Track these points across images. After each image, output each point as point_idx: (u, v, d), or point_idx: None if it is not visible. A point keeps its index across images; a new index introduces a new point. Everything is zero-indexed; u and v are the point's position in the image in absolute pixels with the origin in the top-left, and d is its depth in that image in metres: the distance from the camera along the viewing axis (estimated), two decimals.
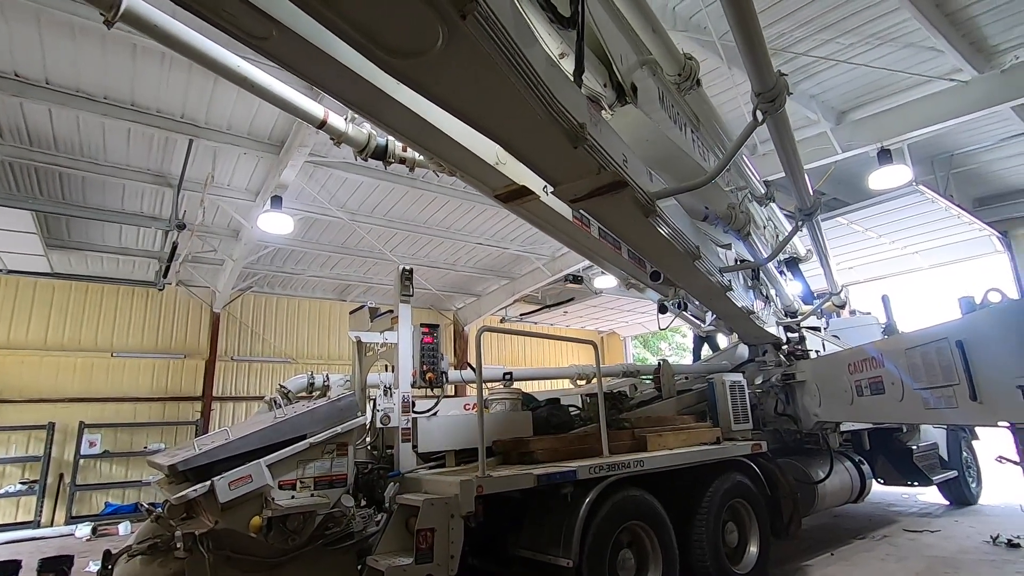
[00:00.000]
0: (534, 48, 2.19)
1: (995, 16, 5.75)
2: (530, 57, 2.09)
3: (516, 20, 2.06)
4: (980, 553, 5.94)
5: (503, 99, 2.21)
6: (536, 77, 2.13)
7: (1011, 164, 9.49)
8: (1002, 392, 2.64)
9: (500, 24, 1.89)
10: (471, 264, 12.91)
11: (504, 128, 2.49)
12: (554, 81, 2.30)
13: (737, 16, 2.62)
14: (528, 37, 2.16)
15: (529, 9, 2.48)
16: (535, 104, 2.23)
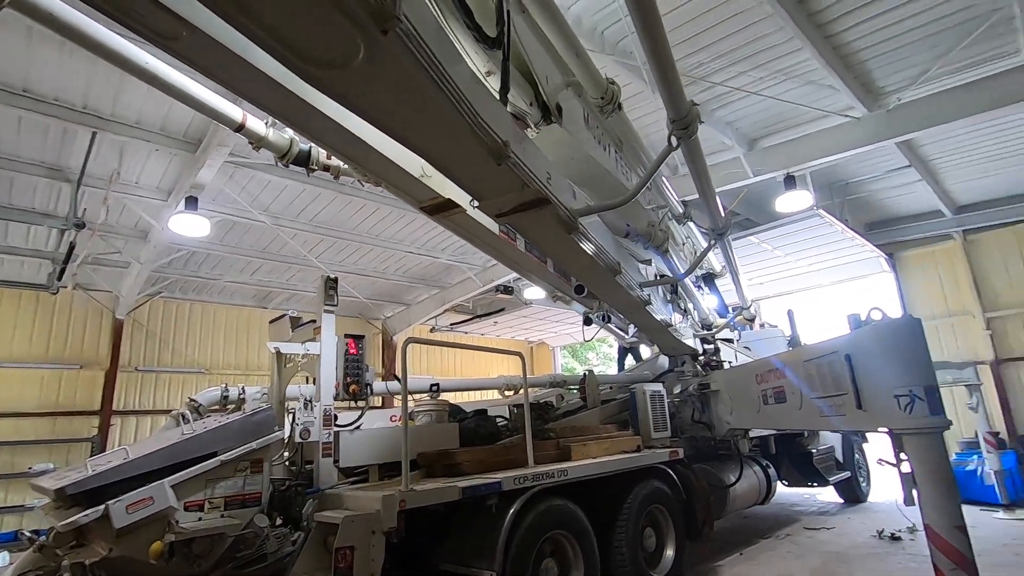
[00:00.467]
0: (459, 66, 2.22)
1: (881, 62, 6.42)
2: (454, 75, 2.11)
3: (440, 38, 2.08)
4: (868, 547, 6.51)
5: (427, 115, 2.23)
6: (460, 94, 2.16)
7: (896, 193, 10.57)
8: (882, 401, 2.94)
9: (423, 41, 1.90)
10: (401, 273, 12.71)
11: (428, 143, 2.50)
12: (479, 99, 2.34)
13: (653, 50, 2.79)
14: (453, 55, 2.19)
15: (456, 27, 2.51)
16: (459, 121, 2.26)
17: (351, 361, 4.30)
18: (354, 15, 1.71)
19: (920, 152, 8.82)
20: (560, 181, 3.25)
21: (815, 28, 5.76)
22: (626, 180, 4.26)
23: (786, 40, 5.97)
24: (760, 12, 5.53)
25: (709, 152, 8.40)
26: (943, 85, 6.66)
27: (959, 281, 11.12)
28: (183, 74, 3.10)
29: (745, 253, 11.05)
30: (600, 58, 5.91)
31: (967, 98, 6.54)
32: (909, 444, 2.84)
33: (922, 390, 2.78)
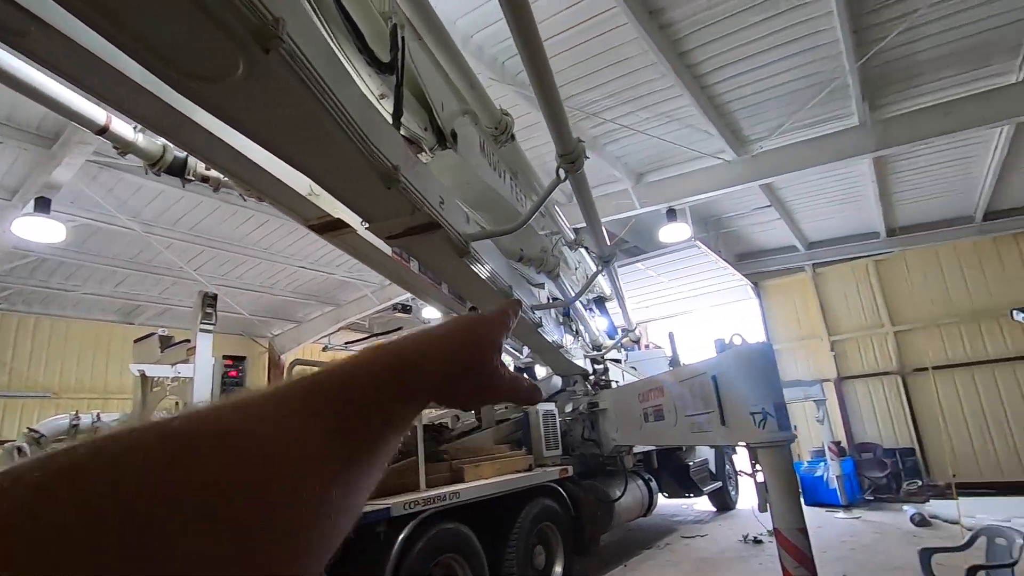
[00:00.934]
0: (349, 88, 2.21)
1: (747, 113, 7.25)
2: (342, 97, 2.09)
3: (329, 59, 2.06)
4: (735, 551, 7.11)
5: (312, 135, 2.18)
6: (348, 117, 2.14)
7: (759, 229, 11.88)
8: (741, 418, 3.28)
9: (308, 62, 1.87)
10: (291, 288, 12.06)
11: (314, 164, 2.45)
12: (369, 122, 2.34)
13: (541, 92, 2.97)
14: (342, 77, 2.17)
15: (348, 48, 2.49)
16: (347, 143, 2.24)
17: (230, 385, 4.01)
18: (232, 31, 1.64)
19: (779, 194, 10.00)
20: (453, 206, 3.30)
21: (693, 79, 6.38)
22: (521, 207, 4.43)
23: (668, 87, 6.55)
24: (646, 60, 6.03)
25: (601, 183, 8.95)
26: (796, 138, 7.64)
27: (809, 308, 12.67)
28: (32, 67, 2.77)
29: (633, 279, 11.80)
30: (500, 87, 6.13)
31: (813, 151, 7.56)
32: (762, 456, 3.18)
33: (772, 407, 3.13)
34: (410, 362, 0.45)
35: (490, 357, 0.51)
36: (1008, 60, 6.24)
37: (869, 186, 9.38)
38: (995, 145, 8.03)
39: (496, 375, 0.51)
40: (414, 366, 0.45)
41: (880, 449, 10.93)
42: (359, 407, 0.40)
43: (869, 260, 12.08)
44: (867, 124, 7.10)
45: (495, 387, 0.51)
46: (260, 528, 0.30)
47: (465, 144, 3.45)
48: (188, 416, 0.33)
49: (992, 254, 10.94)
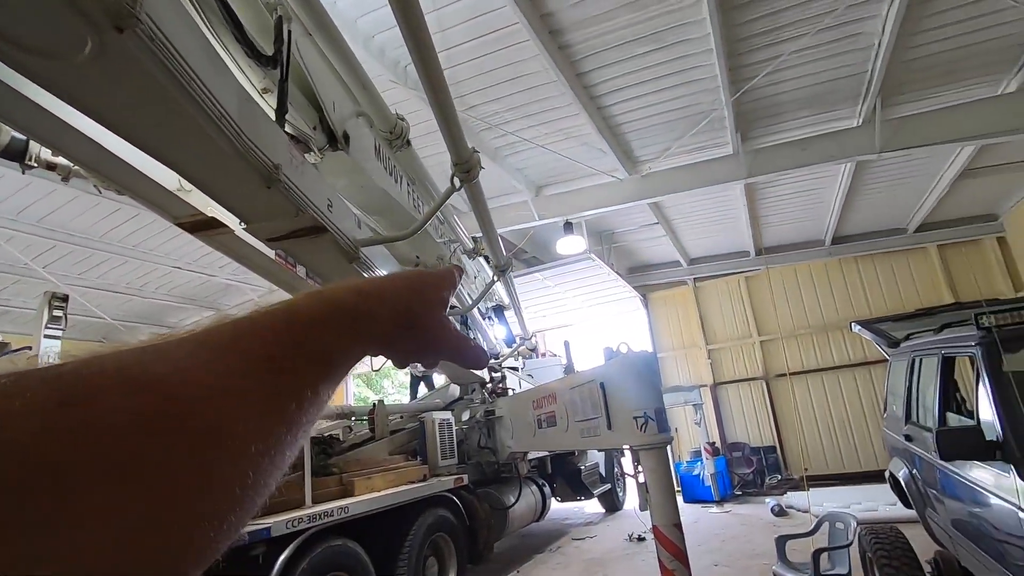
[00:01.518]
0: (223, 78, 2.06)
1: (637, 136, 7.75)
2: (213, 87, 1.94)
3: (198, 44, 1.91)
4: (621, 550, 7.48)
5: (178, 127, 1.99)
6: (220, 109, 1.99)
7: (648, 245, 12.70)
8: (625, 423, 3.47)
9: (171, 46, 1.71)
10: (165, 291, 10.97)
11: (181, 158, 2.23)
12: (247, 117, 2.19)
13: (436, 102, 2.98)
14: (215, 65, 2.01)
15: (226, 37, 2.31)
16: (219, 138, 2.07)
17: None
18: (81, 5, 1.47)
19: (665, 213, 10.77)
20: (344, 209, 3.18)
21: (589, 99, 6.71)
22: (417, 214, 4.38)
23: (567, 104, 6.82)
24: (546, 77, 6.25)
25: (502, 193, 9.10)
26: (680, 161, 8.28)
27: (690, 319, 13.73)
28: None
29: (531, 288, 12.10)
30: (402, 91, 6.04)
31: (694, 174, 8.24)
32: (643, 457, 3.39)
33: (653, 411, 3.35)
34: (353, 308, 0.42)
35: (437, 310, 0.49)
36: (850, 107, 7.22)
37: (741, 209, 10.38)
38: (840, 179, 9.24)
39: (442, 329, 0.50)
40: (358, 313, 0.42)
41: (748, 448, 12.05)
42: (295, 353, 0.36)
43: (741, 276, 13.35)
44: (739, 154, 7.86)
45: (440, 341, 0.50)
46: (171, 482, 0.27)
47: (358, 147, 3.34)
48: (82, 360, 0.29)
49: (837, 273, 12.56)
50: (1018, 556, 2.74)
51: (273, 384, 0.34)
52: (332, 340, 0.40)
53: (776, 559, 4.57)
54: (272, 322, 0.37)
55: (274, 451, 0.33)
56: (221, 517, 0.29)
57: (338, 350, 0.40)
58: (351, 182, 3.49)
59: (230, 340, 0.34)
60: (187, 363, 0.31)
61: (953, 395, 3.96)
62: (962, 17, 5.63)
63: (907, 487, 4.55)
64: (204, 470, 0.28)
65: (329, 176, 3.37)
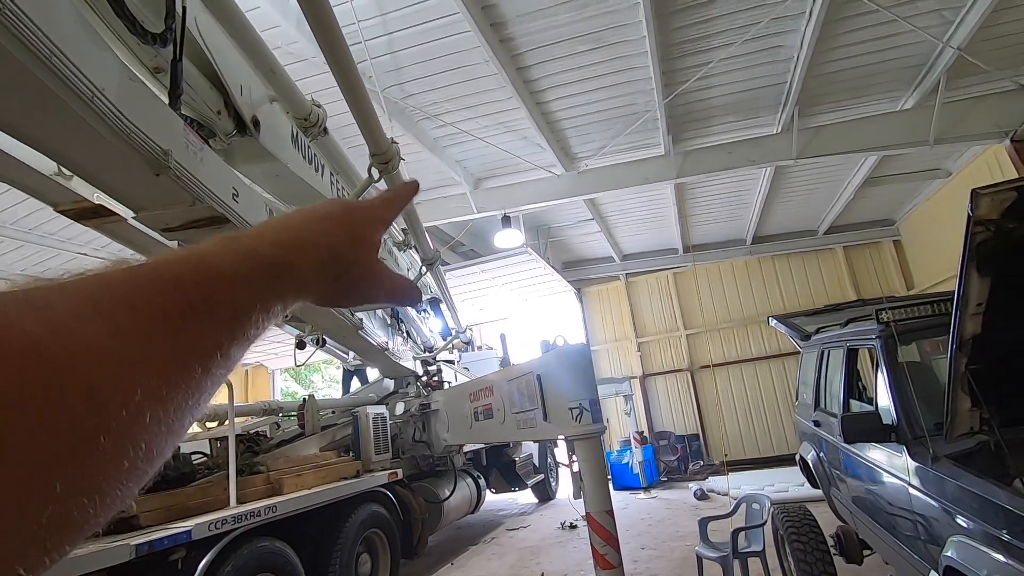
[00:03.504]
0: (96, 55, 1.90)
1: (575, 132, 7.89)
2: (82, 65, 1.80)
3: (65, 17, 1.76)
4: (554, 538, 7.65)
5: (44, 108, 1.84)
6: (92, 88, 1.85)
7: (583, 240, 12.99)
8: (561, 413, 3.55)
9: (27, 18, 1.58)
10: None
11: (53, 142, 2.05)
12: (129, 97, 2.05)
13: (347, 90, 2.92)
14: (86, 40, 1.87)
15: (106, 12, 2.12)
16: (94, 120, 1.93)
17: None
18: None
19: (600, 209, 11.04)
20: (252, 199, 3.03)
21: (529, 94, 6.75)
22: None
23: (507, 98, 6.83)
24: (487, 69, 6.22)
25: (440, 184, 9.00)
26: (615, 160, 8.51)
27: (622, 313, 14.19)
28: None
29: (468, 281, 12.08)
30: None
31: (628, 172, 8.50)
32: (578, 447, 3.48)
33: (588, 402, 3.44)
34: (271, 262, 0.38)
35: (368, 252, 0.45)
36: (771, 114, 7.69)
37: (671, 208, 10.82)
38: (761, 182, 9.83)
39: (374, 273, 0.46)
40: (277, 266, 0.38)
41: (673, 436, 12.64)
42: (202, 311, 0.32)
43: (670, 272, 13.93)
44: (671, 154, 8.18)
45: (373, 287, 0.46)
46: (41, 456, 0.23)
47: (272, 134, 3.18)
48: None
49: (757, 271, 13.38)
50: (906, 527, 3.05)
51: (174, 345, 0.30)
52: (246, 297, 0.36)
53: (699, 540, 4.83)
54: (177, 274, 0.33)
55: (173, 419, 0.30)
56: (105, 491, 0.26)
57: (253, 307, 0.36)
58: (265, 171, 3.34)
59: (126, 292, 0.30)
60: (68, 317, 0.27)
61: (856, 384, 4.34)
62: (870, 37, 6.12)
63: (815, 469, 4.94)
64: (84, 442, 0.25)
65: (240, 164, 3.20)
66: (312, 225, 0.43)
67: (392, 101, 6.42)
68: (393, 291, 0.48)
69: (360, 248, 0.44)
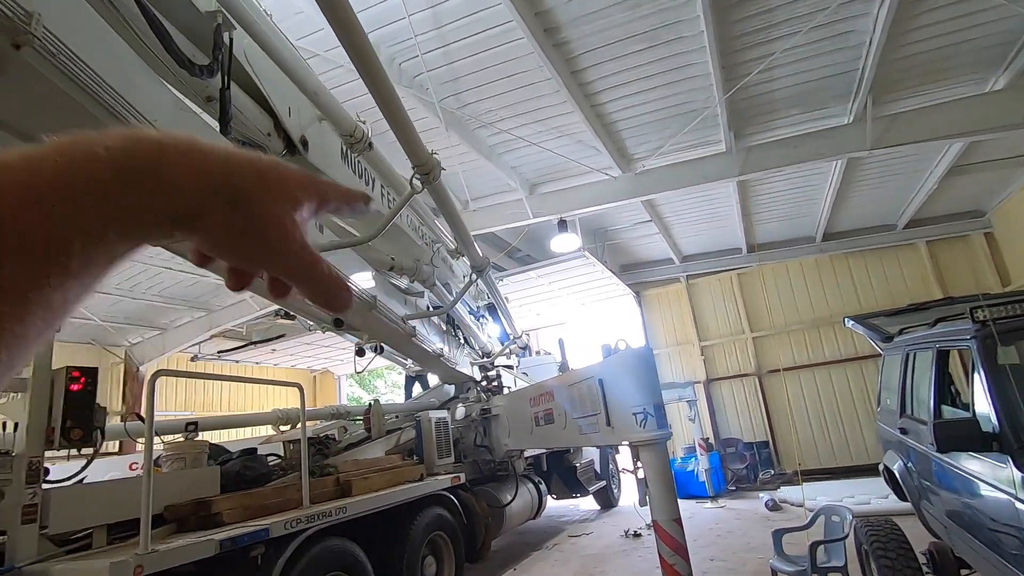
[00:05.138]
0: (147, 89, 2.10)
1: (631, 133, 7.77)
2: (130, 96, 1.97)
3: (113, 54, 1.94)
4: (618, 546, 7.50)
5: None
6: (140, 118, 2.03)
7: (641, 242, 12.74)
8: (624, 418, 3.48)
9: (77, 58, 1.75)
10: (155, 292, 10.85)
11: None
12: (177, 127, 2.23)
13: (384, 106, 2.99)
14: (135, 77, 2.06)
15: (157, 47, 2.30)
16: None
17: (74, 400, 3.50)
18: None
19: (658, 210, 10.80)
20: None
21: (584, 96, 6.71)
22: (397, 217, 4.41)
23: (562, 102, 6.82)
24: (541, 75, 6.24)
25: (496, 191, 9.09)
26: (674, 159, 8.31)
27: (683, 316, 13.79)
28: None
29: (526, 286, 12.11)
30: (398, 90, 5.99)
31: (687, 172, 8.27)
32: (643, 453, 3.40)
33: (652, 407, 3.37)
34: (125, 156, 0.29)
35: (282, 203, 0.36)
36: (841, 104, 7.28)
37: (733, 206, 10.44)
38: (831, 176, 9.31)
39: (286, 229, 0.35)
40: (137, 166, 0.29)
41: (741, 443, 12.13)
42: (36, 217, 0.25)
43: (733, 273, 13.42)
44: (732, 151, 7.90)
45: (281, 243, 0.35)
46: None
47: (320, 152, 3.34)
48: None
49: (829, 270, 12.66)
50: (1013, 545, 2.78)
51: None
52: (74, 217, 0.27)
53: (773, 553, 4.60)
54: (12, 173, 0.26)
55: None
56: None
57: (85, 233, 0.27)
58: None
59: None
60: None
61: (948, 388, 4.01)
62: (951, 16, 5.68)
63: (902, 480, 4.60)
64: None
65: None
66: (212, 145, 0.33)
67: (448, 111, 6.55)
68: (307, 267, 0.37)
69: (269, 188, 0.35)
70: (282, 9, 4.83)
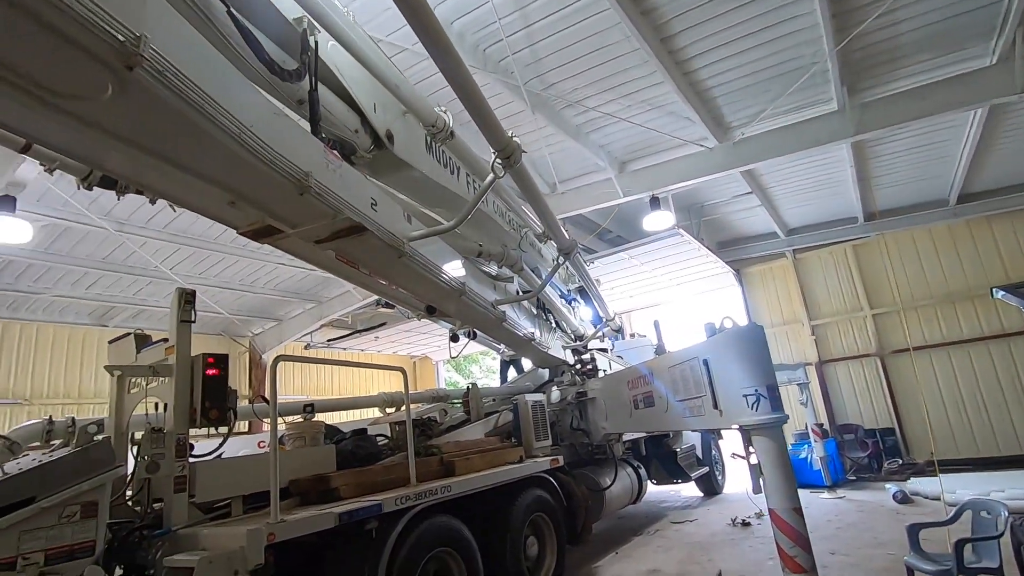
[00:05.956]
0: (244, 97, 2.26)
1: (728, 100, 7.26)
2: (232, 107, 2.14)
3: (214, 70, 2.11)
4: (725, 535, 7.18)
5: (203, 146, 2.21)
6: (240, 126, 2.19)
7: (741, 216, 11.97)
8: (734, 401, 3.28)
9: (182, 76, 1.92)
10: (272, 286, 11.84)
11: (216, 174, 2.46)
12: (273, 130, 2.37)
13: (462, 92, 2.96)
14: (233, 87, 2.21)
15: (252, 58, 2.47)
16: (243, 152, 2.27)
17: (211, 384, 3.88)
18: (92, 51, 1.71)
19: (760, 181, 10.08)
20: (390, 207, 3.32)
21: (675, 64, 6.36)
22: (483, 204, 4.42)
23: (650, 73, 6.52)
24: (628, 46, 5.99)
25: (584, 172, 8.92)
26: (776, 124, 7.68)
27: (791, 294, 12.83)
28: None
29: (617, 268, 11.83)
30: (483, 76, 6.02)
31: (793, 137, 7.61)
32: (756, 438, 3.19)
33: (765, 389, 3.14)
34: None
35: None
36: (982, 43, 6.33)
37: (848, 171, 9.49)
38: (968, 129, 8.17)
39: None
40: None
41: (861, 430, 11.13)
42: None
43: (848, 245, 12.26)
44: (846, 109, 7.16)
45: None
46: None
47: (406, 144, 3.44)
48: None
49: (966, 237, 11.18)
50: None
51: None
52: None
53: (908, 549, 4.17)
54: None
55: None
56: None
57: None
58: (404, 179, 3.63)
59: None
60: None
61: None
62: None
63: None
64: None
65: (382, 175, 3.51)
66: None
67: (534, 93, 6.48)
68: None
69: None
70: (371, 8, 4.98)
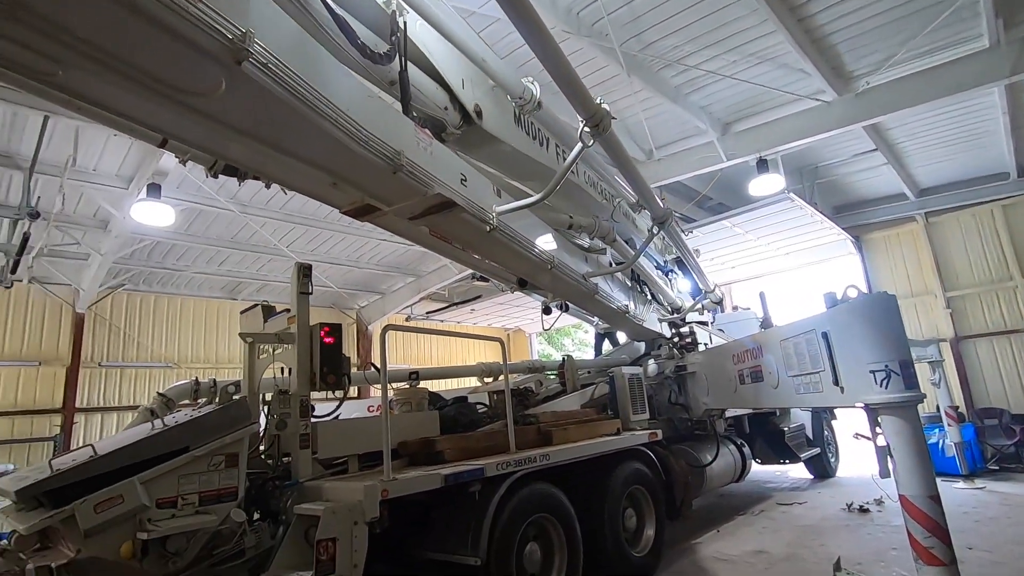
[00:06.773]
0: (339, 82, 2.41)
1: (851, 46, 6.50)
2: (329, 92, 2.30)
3: (311, 57, 2.28)
4: (839, 520, 6.73)
5: (304, 131, 2.40)
6: (336, 110, 2.35)
7: (862, 177, 10.82)
8: (858, 376, 3.00)
9: (284, 67, 2.10)
10: (375, 261, 12.51)
11: (316, 157, 2.65)
12: (367, 111, 2.54)
13: (550, 61, 2.84)
14: (330, 73, 2.38)
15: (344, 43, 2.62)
16: (342, 136, 2.44)
17: (327, 351, 4.18)
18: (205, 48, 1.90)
19: (887, 136, 9.02)
20: (479, 182, 3.38)
21: (788, 11, 5.79)
22: (572, 173, 4.33)
23: (759, 23, 5.99)
24: None
25: (683, 136, 8.46)
26: (909, 69, 6.79)
27: (922, 262, 11.49)
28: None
29: (718, 237, 11.21)
30: (576, 40, 5.85)
31: (931, 82, 6.69)
32: (885, 418, 2.91)
33: (897, 364, 2.84)
34: None
35: None
36: None
37: (999, 119, 8.22)
38: None
39: None
40: None
41: (1007, 415, 9.86)
42: None
43: (995, 205, 10.70)
44: (1000, 46, 6.16)
45: None
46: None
47: (494, 118, 3.45)
48: None
49: None
50: None
51: None
52: None
53: None
54: None
55: None
56: None
57: None
58: (493, 152, 3.68)
59: None
60: None
61: None
62: None
63: None
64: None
65: (473, 151, 3.58)
66: None
67: (630, 55, 6.19)
68: None
69: None
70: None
